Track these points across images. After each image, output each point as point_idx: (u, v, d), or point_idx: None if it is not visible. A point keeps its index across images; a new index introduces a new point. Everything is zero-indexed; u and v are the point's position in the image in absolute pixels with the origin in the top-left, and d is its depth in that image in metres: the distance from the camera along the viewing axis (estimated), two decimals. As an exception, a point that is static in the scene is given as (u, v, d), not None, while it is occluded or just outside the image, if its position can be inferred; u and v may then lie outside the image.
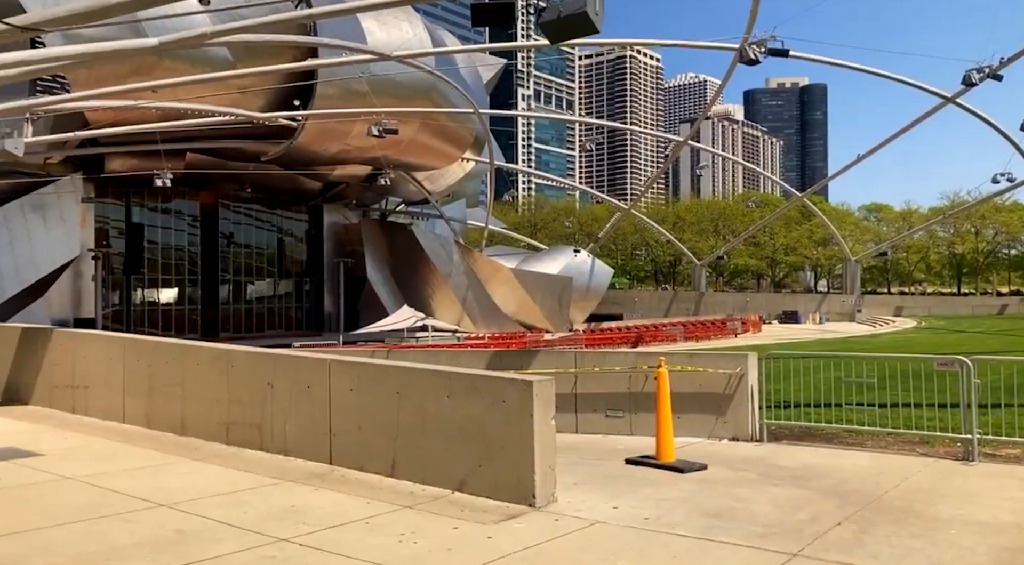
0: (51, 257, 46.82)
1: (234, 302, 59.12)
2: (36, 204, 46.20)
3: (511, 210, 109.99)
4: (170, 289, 56.15)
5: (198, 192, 55.88)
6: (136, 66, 38.66)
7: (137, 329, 53.55)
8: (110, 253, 50.97)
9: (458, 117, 52.46)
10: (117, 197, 52.03)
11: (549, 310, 64.10)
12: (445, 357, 11.47)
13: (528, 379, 5.73)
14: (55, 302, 47.85)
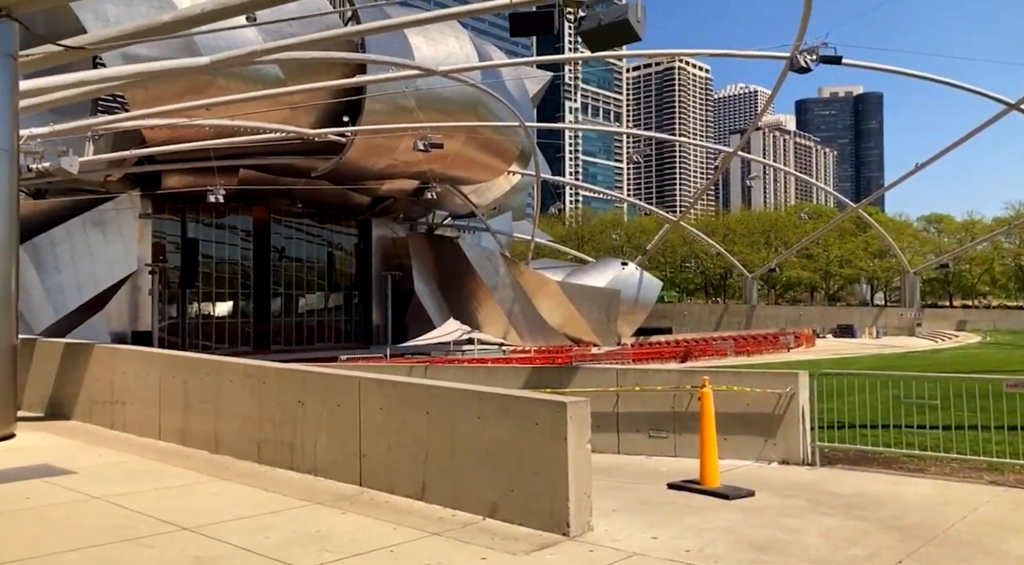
0: (110, 272, 48.10)
1: (285, 315, 60.00)
2: (97, 220, 47.55)
3: (558, 223, 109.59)
4: (224, 302, 57.27)
5: (251, 207, 56.99)
6: (191, 85, 39.67)
7: (192, 342, 54.73)
8: (166, 267, 52.24)
9: (504, 130, 52.57)
10: (173, 213, 53.32)
11: (596, 323, 63.55)
12: (482, 373, 11.25)
13: (561, 400, 5.47)
14: (114, 316, 49.16)
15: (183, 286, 53.40)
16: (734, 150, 70.23)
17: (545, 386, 9.53)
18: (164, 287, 52.28)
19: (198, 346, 54.77)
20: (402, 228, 64.93)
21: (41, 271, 44.25)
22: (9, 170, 8.15)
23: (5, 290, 8.13)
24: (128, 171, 47.74)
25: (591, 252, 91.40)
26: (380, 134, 45.01)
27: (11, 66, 7.99)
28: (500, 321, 61.33)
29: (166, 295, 52.83)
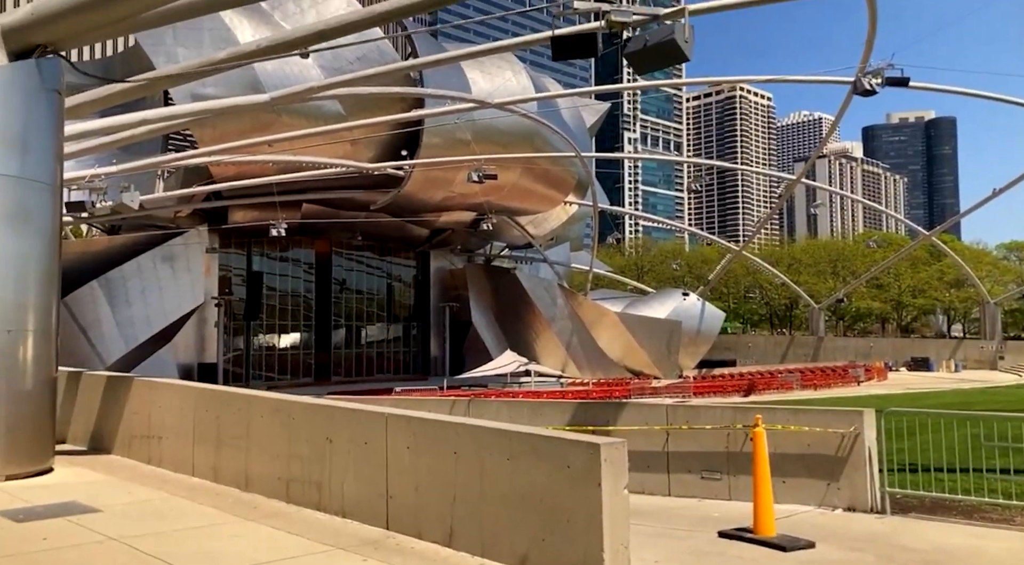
0: (178, 305, 49.41)
1: (346, 346, 60.65)
2: (166, 255, 49.02)
3: (616, 253, 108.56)
4: (287, 334, 58.22)
5: (313, 240, 58.11)
6: (256, 123, 40.84)
7: (255, 373, 55.70)
8: (232, 300, 53.46)
9: (561, 161, 52.52)
10: (239, 247, 54.68)
11: (657, 355, 62.32)
12: (526, 409, 10.85)
13: (594, 441, 5.05)
14: (181, 348, 50.40)
15: (247, 318, 54.50)
16: (797, 177, 68.67)
17: (590, 423, 9.09)
18: (229, 319, 53.47)
19: (261, 377, 55.71)
20: (460, 259, 65.24)
21: (113, 305, 45.73)
22: (52, 204, 8.23)
23: (45, 323, 8.15)
24: (197, 207, 49.26)
25: (651, 283, 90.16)
26: (437, 167, 45.46)
27: (56, 101, 8.10)
28: (558, 353, 60.72)
29: (231, 327, 53.99)
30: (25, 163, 7.86)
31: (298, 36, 16.40)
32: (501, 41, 24.10)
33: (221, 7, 8.72)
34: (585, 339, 60.44)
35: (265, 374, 56.22)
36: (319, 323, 58.78)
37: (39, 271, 7.99)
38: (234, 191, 45.03)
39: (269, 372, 56.69)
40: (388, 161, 44.74)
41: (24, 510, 6.43)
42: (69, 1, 7.60)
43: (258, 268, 55.77)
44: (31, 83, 7.82)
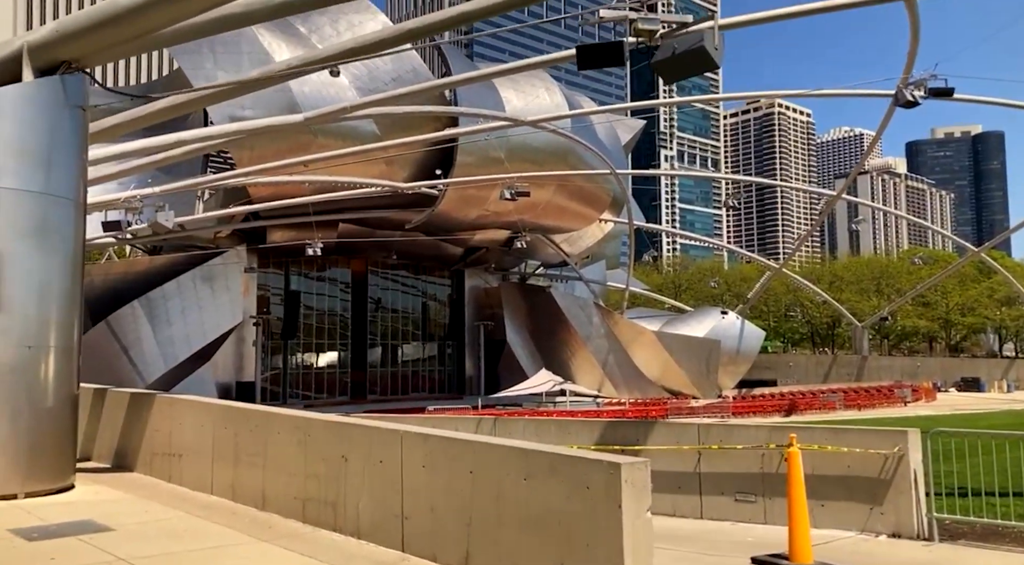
0: (217, 324, 50.01)
1: (381, 365, 60.80)
2: (206, 275, 49.72)
3: (653, 271, 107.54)
4: (323, 353, 58.60)
5: (350, 260, 58.55)
6: (293, 145, 41.41)
7: (292, 392, 56.09)
8: (269, 319, 54.00)
9: (595, 178, 52.26)
10: (277, 266, 55.28)
11: (696, 375, 61.33)
12: (553, 427, 10.55)
13: (615, 460, 4.77)
14: (220, 366, 50.95)
15: (285, 337, 54.99)
16: (837, 193, 67.45)
17: (619, 442, 8.78)
18: (267, 338, 54.00)
19: (298, 396, 56.08)
20: (494, 278, 65.13)
21: (154, 324, 46.44)
22: (76, 220, 8.24)
23: (67, 340, 8.13)
24: (236, 227, 50.01)
25: (689, 301, 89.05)
26: (471, 185, 45.55)
27: (80, 118, 8.14)
28: (595, 372, 60.10)
29: (269, 346, 54.51)
30: (49, 179, 7.89)
31: (327, 54, 16.47)
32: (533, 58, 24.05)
33: (244, 23, 8.75)
34: (622, 358, 59.75)
35: (302, 392, 56.55)
36: (355, 342, 59.04)
37: (61, 287, 8.00)
38: (272, 211, 45.62)
39: (306, 391, 57.01)
40: (423, 180, 44.96)
41: (38, 528, 6.34)
42: (91, 17, 7.65)
43: (295, 287, 56.31)
44: (55, 99, 7.86)
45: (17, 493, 7.45)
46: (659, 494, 9.10)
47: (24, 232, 7.74)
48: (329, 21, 49.87)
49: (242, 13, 8.84)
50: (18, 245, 7.71)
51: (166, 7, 7.46)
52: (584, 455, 4.94)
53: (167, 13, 7.58)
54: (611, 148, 58.60)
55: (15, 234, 7.69)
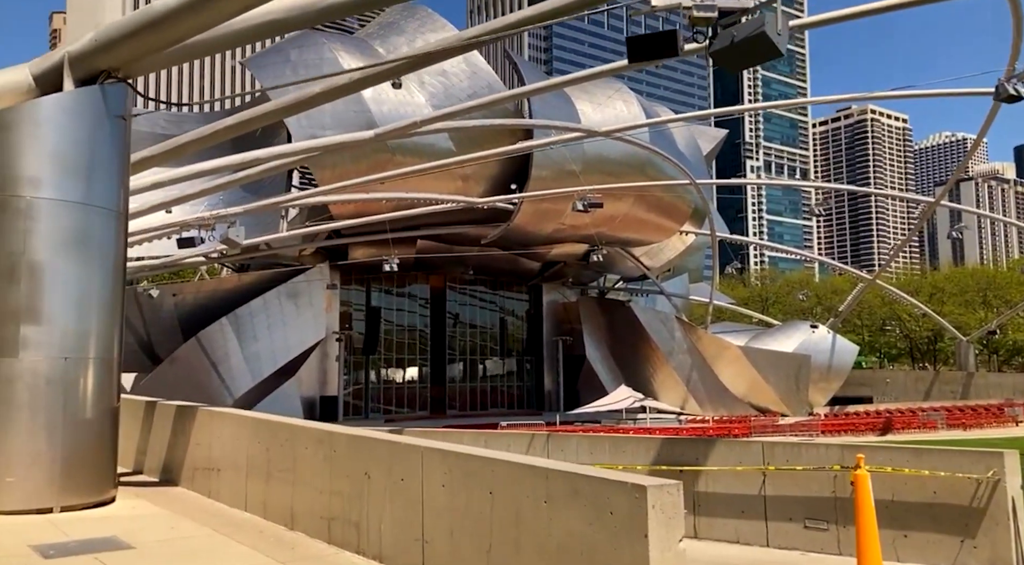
0: (301, 340, 51.18)
1: (460, 380, 60.94)
2: (291, 292, 51.01)
3: (739, 284, 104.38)
4: (404, 368, 59.21)
5: (428, 276, 59.09)
6: (372, 163, 42.11)
7: (373, 406, 56.81)
8: (351, 335, 54.94)
9: (675, 189, 51.08)
10: (359, 283, 56.28)
11: (784, 391, 58.90)
12: (607, 444, 9.91)
13: (640, 482, 4.19)
14: (304, 381, 52.08)
15: (366, 352, 55.82)
16: (936, 199, 63.87)
17: (677, 462, 8.11)
18: (350, 353, 54.93)
19: (380, 410, 56.76)
20: (573, 293, 64.44)
21: (241, 340, 47.83)
22: (117, 230, 8.21)
23: (107, 351, 8.08)
24: (319, 245, 51.19)
25: (777, 315, 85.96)
26: (547, 199, 45.18)
27: (121, 127, 8.12)
28: (678, 388, 58.52)
29: (351, 361, 55.43)
30: (89, 189, 7.89)
31: (392, 66, 16.39)
32: (604, 66, 23.48)
33: (284, 29, 8.63)
34: (706, 374, 57.97)
35: (383, 407, 57.21)
36: (434, 357, 59.40)
37: (101, 298, 7.97)
38: (352, 229, 46.42)
39: (387, 405, 57.65)
40: (499, 195, 44.93)
41: (58, 545, 6.20)
42: (128, 25, 7.63)
43: (376, 303, 57.17)
44: (95, 109, 7.87)
45: (53, 507, 7.39)
46: (721, 519, 8.36)
47: (63, 243, 7.74)
48: (406, 41, 50.66)
49: (283, 19, 8.69)
50: (57, 256, 7.71)
51: (200, 11, 7.36)
52: (608, 476, 4.37)
53: (202, 17, 7.49)
54: (692, 158, 57.25)
55: (54, 245, 7.70)
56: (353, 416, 54.63)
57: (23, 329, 7.46)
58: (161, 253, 45.49)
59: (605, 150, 48.01)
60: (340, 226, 45.29)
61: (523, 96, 35.43)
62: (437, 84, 48.70)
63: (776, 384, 58.56)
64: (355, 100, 46.08)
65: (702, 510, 8.26)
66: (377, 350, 56.50)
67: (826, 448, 8.18)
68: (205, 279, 60.21)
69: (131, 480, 9.41)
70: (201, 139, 15.93)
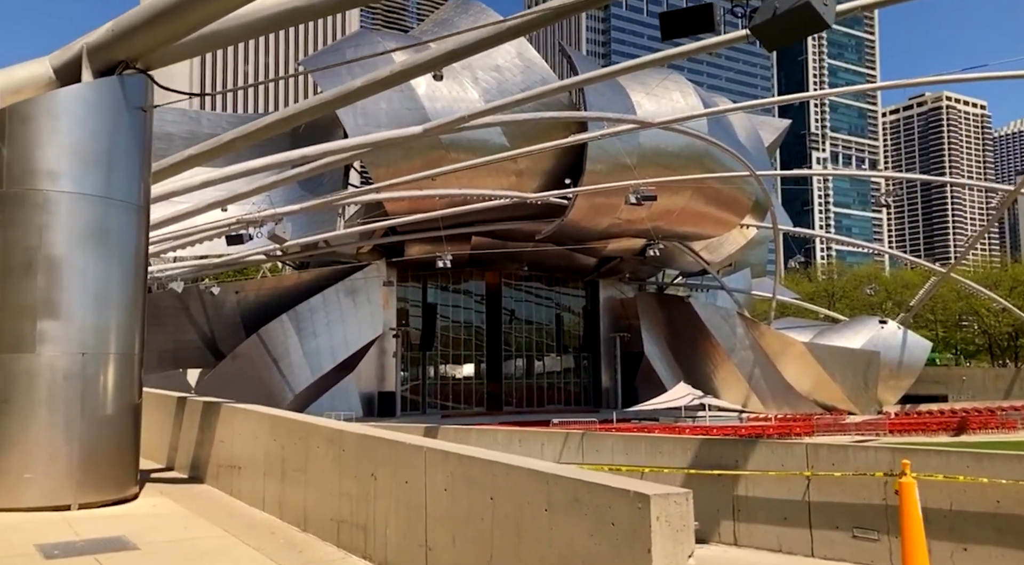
0: (359, 336, 51.75)
1: (517, 377, 60.71)
2: (349, 289, 51.62)
3: (804, 279, 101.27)
4: (460, 364, 59.32)
5: (484, 272, 59.01)
6: (426, 160, 42.14)
7: (430, 402, 57.08)
8: (408, 331, 55.30)
9: (735, 181, 49.71)
10: (416, 280, 56.60)
11: (852, 389, 56.83)
12: (644, 444, 9.40)
13: (645, 491, 3.75)
14: (363, 377, 52.65)
15: (423, 348, 56.10)
16: (1016, 188, 60.72)
17: (714, 464, 7.58)
18: (407, 349, 55.30)
19: (437, 406, 57.01)
20: (630, 288, 63.48)
21: (301, 336, 48.57)
22: (138, 224, 8.11)
23: (128, 346, 7.99)
24: (377, 242, 51.62)
25: (844, 310, 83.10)
26: (602, 194, 44.49)
27: (141, 119, 8.02)
28: (739, 385, 57.09)
29: (408, 357, 55.78)
30: (108, 182, 7.81)
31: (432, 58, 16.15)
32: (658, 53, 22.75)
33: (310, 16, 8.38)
34: (769, 371, 56.37)
35: (440, 403, 57.44)
36: (490, 353, 59.31)
37: (121, 293, 7.88)
38: (407, 227, 46.56)
39: (444, 400, 57.86)
40: (553, 191, 44.46)
41: (64, 545, 6.08)
42: (144, 13, 7.51)
43: (432, 300, 57.39)
44: (114, 101, 7.78)
45: (71, 504, 7.33)
46: (762, 525, 7.81)
47: (82, 237, 7.68)
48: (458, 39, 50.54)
49: (307, 5, 8.47)
50: (75, 250, 7.65)
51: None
52: (609, 483, 3.93)
53: (219, 4, 7.31)
54: (753, 150, 55.70)
55: (72, 239, 7.64)
56: (411, 412, 55.00)
57: (40, 324, 7.41)
58: (223, 252, 46.53)
59: (662, 142, 47.03)
60: (395, 223, 45.48)
61: (572, 86, 34.88)
62: (491, 79, 48.50)
63: (843, 381, 56.58)
64: (409, 98, 46.24)
65: (742, 515, 7.73)
66: (434, 346, 56.73)
67: (875, 451, 7.52)
68: (267, 277, 61.34)
69: (161, 477, 9.36)
70: (246, 136, 15.97)
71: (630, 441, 9.42)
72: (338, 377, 50.69)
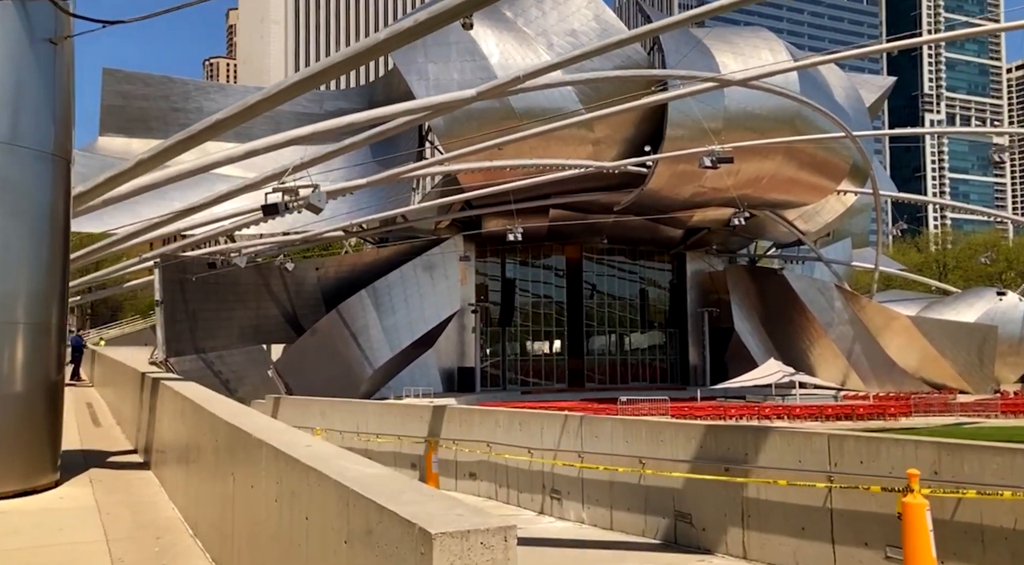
0: (437, 312, 51.38)
1: (599, 353, 59.08)
2: (427, 264, 51.23)
3: (911, 248, 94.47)
4: (540, 340, 58.22)
5: (564, 246, 57.49)
6: (499, 131, 40.70)
7: (510, 377, 56.29)
8: (487, 306, 54.54)
9: (831, 145, 46.15)
10: (494, 255, 55.67)
11: (964, 366, 52.52)
12: (644, 431, 7.78)
13: (429, 530, 2.33)
14: (443, 352, 52.37)
15: (502, 324, 55.27)
16: None
17: (720, 457, 6.01)
18: (486, 325, 54.58)
19: (517, 382, 56.17)
20: (720, 261, 60.56)
21: (380, 312, 48.50)
22: (52, 175, 7.13)
23: (41, 315, 7.05)
24: (454, 217, 50.89)
25: (957, 282, 76.97)
26: (684, 160, 42.07)
27: (51, 53, 6.99)
28: (837, 362, 53.73)
29: (488, 333, 55.07)
30: (14, 127, 6.84)
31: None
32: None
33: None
34: (871, 347, 52.71)
35: (521, 378, 56.58)
36: (571, 329, 57.91)
37: (32, 255, 6.94)
38: (483, 200, 45.48)
39: (524, 376, 56.95)
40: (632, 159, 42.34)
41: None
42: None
43: (511, 275, 56.38)
44: (15, 32, 6.76)
45: (-39, 494, 6.49)
46: (776, 536, 6.19)
47: (-25, 190, 6.74)
48: (535, 3, 48.87)
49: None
50: (-32, 205, 6.73)
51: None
52: (399, 512, 2.52)
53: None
54: (852, 110, 51.73)
55: (-37, 192, 6.72)
56: (491, 387, 54.40)
57: (-75, 290, 6.55)
58: (302, 227, 46.83)
59: (749, 105, 44.12)
60: (468, 196, 44.43)
61: (641, 37, 32.66)
62: (565, 45, 46.63)
63: (954, 358, 52.36)
64: (482, 67, 45.04)
65: (752, 522, 6.11)
66: (513, 322, 55.80)
67: (916, 447, 5.69)
68: (349, 253, 61.76)
69: (116, 461, 8.52)
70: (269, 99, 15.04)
71: (630, 426, 7.95)
72: (417, 353, 50.53)
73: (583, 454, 8.10)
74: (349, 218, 44.31)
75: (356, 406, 14.65)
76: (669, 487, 7.01)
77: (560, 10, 48.94)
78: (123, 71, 48.74)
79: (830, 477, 5.88)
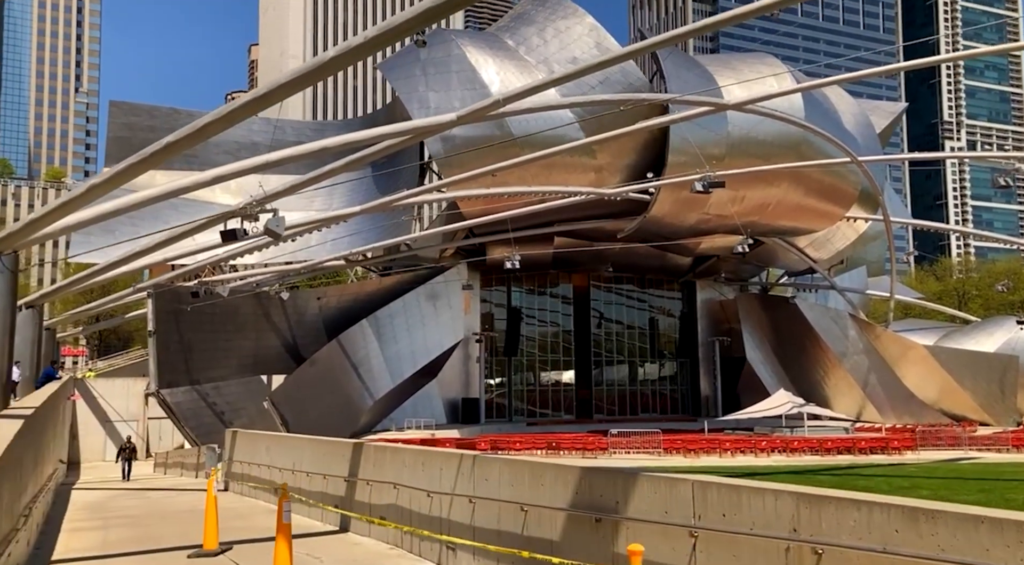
0: (440, 341, 50.71)
1: (607, 383, 57.94)
2: (430, 293, 50.66)
3: (929, 277, 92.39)
4: (547, 370, 57.19)
5: (571, 275, 56.73)
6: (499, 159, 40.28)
7: (517, 407, 55.21)
8: (493, 336, 53.65)
9: (839, 171, 45.26)
10: (500, 283, 54.97)
11: (985, 397, 50.78)
12: (528, 473, 6.76)
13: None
14: (446, 383, 51.57)
15: (507, 354, 54.38)
16: None
17: (592, 506, 5.15)
18: (491, 355, 53.65)
19: (523, 412, 55.05)
20: (731, 289, 59.45)
21: (381, 341, 47.85)
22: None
23: None
24: (458, 245, 50.38)
25: (977, 311, 75.06)
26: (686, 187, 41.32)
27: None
28: (853, 393, 52.20)
29: (492, 362, 54.14)
30: None
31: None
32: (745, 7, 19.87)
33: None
34: (886, 377, 51.18)
35: (528, 408, 55.49)
36: (579, 358, 56.92)
37: None
38: (485, 228, 44.99)
39: (531, 407, 55.84)
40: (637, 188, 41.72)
41: None
42: None
43: (517, 304, 55.63)
44: None
45: None
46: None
47: None
48: (536, 31, 48.87)
49: None
50: None
51: None
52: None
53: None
54: (861, 136, 50.77)
55: None
56: (496, 418, 53.31)
57: None
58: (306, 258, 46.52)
59: (752, 130, 43.47)
60: (469, 224, 43.94)
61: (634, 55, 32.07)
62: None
63: (975, 389, 50.65)
64: (482, 95, 44.80)
65: (620, 583, 5.26)
66: (519, 351, 54.91)
67: (776, 497, 4.80)
68: (352, 283, 61.41)
69: None
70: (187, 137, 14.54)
71: (515, 468, 7.08)
72: (421, 383, 49.75)
73: (474, 499, 7.31)
74: (350, 246, 44.00)
75: (293, 442, 13.96)
76: (548, 539, 6.19)
77: (561, 38, 48.82)
78: (129, 103, 49.24)
79: (692, 532, 5.01)
